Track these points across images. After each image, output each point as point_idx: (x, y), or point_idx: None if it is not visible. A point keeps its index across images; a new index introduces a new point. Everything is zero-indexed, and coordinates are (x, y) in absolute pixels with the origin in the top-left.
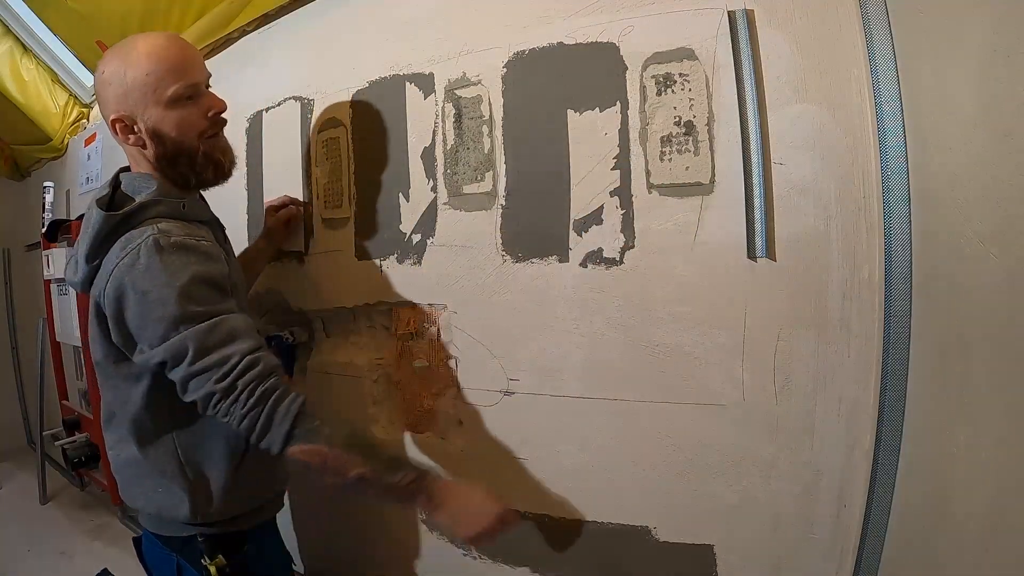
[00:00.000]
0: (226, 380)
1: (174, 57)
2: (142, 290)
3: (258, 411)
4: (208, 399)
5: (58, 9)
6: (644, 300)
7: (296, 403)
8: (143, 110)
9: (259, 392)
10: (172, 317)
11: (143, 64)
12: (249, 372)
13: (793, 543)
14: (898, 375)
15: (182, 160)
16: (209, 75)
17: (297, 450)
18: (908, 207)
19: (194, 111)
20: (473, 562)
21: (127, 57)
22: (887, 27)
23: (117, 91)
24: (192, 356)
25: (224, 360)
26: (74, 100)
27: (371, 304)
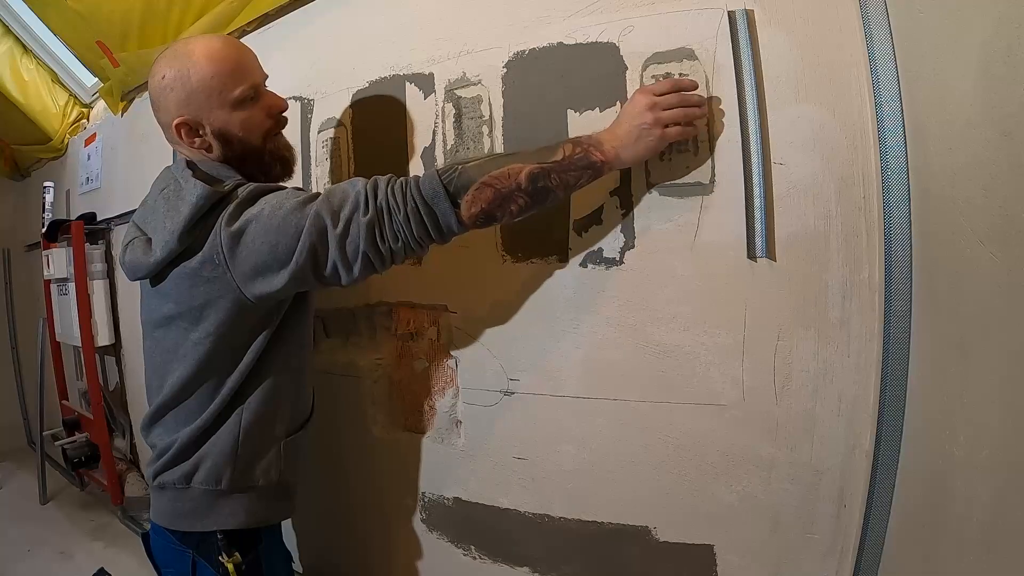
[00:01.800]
0: (370, 208)
1: (234, 59)
2: (254, 215)
3: (413, 205)
4: (371, 237)
5: (58, 9)
6: (644, 300)
7: (432, 173)
8: (208, 113)
9: (399, 192)
10: (293, 209)
11: (206, 67)
12: (379, 188)
13: (793, 543)
14: (898, 375)
15: (250, 160)
16: (266, 75)
17: (468, 202)
18: (908, 207)
19: (257, 111)
20: (473, 562)
21: (187, 60)
22: (887, 27)
23: (180, 95)
24: (331, 221)
25: (356, 201)
26: (74, 100)
27: (371, 304)
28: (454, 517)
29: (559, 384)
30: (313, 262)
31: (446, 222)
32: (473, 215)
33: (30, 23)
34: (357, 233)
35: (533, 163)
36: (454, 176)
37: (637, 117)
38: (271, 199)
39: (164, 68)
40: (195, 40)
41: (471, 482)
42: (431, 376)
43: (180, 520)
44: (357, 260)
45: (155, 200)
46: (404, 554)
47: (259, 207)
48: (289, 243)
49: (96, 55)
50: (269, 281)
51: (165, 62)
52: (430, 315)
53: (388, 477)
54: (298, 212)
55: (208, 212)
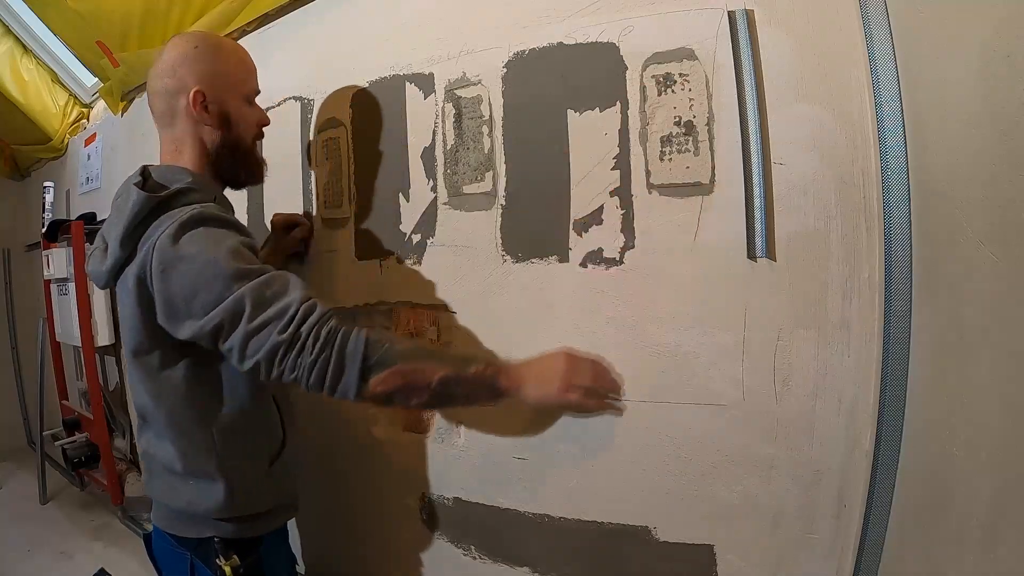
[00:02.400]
0: (289, 329)
1: (252, 64)
2: (191, 254)
3: (327, 355)
4: (272, 355)
5: (58, 9)
6: (644, 300)
7: (361, 337)
8: (225, 93)
9: (324, 335)
10: (226, 275)
11: (235, 56)
12: (310, 317)
13: (793, 543)
14: (898, 375)
15: (238, 152)
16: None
17: (377, 381)
18: (908, 207)
19: (252, 115)
20: (473, 562)
21: (219, 44)
22: (887, 27)
23: (206, 68)
24: (250, 312)
25: (284, 310)
26: (74, 100)
27: (371, 304)
28: (454, 517)
29: None
30: (215, 334)
31: (345, 389)
32: (375, 393)
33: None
34: (264, 341)
35: (449, 368)
36: (380, 352)
37: (551, 371)
38: (210, 247)
39: (195, 40)
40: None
41: (471, 482)
42: None
43: (176, 524)
44: (250, 360)
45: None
46: (404, 554)
47: (197, 247)
48: (205, 304)
49: (96, 55)
50: (173, 324)
51: (195, 37)
52: (430, 315)
53: (388, 477)
54: (227, 282)
55: (147, 216)
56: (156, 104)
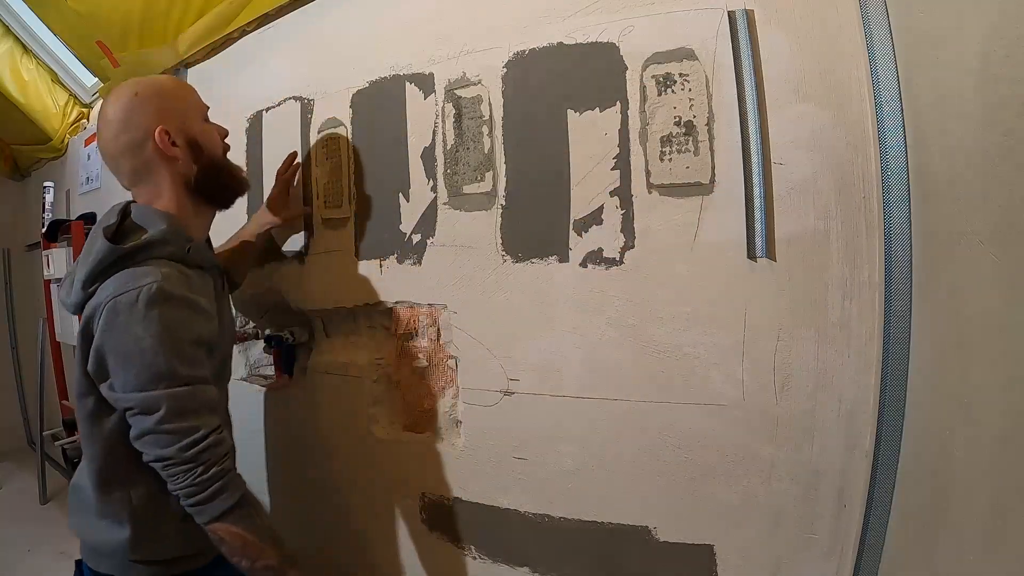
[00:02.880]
0: (191, 450)
1: (190, 85)
2: (135, 335)
3: (206, 486)
4: (163, 459)
5: (58, 9)
6: (644, 300)
7: (239, 492)
8: (183, 121)
9: (214, 471)
10: (156, 372)
11: (175, 85)
12: (214, 449)
13: (793, 543)
14: (898, 375)
15: (217, 171)
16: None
17: (223, 527)
18: (908, 207)
19: (214, 131)
20: (473, 562)
21: (155, 82)
22: (887, 27)
23: (160, 105)
24: (163, 415)
25: (192, 430)
26: (74, 100)
27: (371, 304)
28: (454, 517)
29: (559, 384)
30: (125, 409)
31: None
32: (216, 532)
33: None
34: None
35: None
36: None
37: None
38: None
39: (132, 88)
40: (153, 76)
41: (471, 482)
42: (431, 376)
43: (93, 558)
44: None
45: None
46: (404, 554)
47: (143, 329)
48: (126, 383)
49: (96, 55)
50: (96, 379)
51: (130, 86)
52: (430, 315)
53: (388, 477)
54: (155, 379)
55: (110, 266)
56: (123, 165)
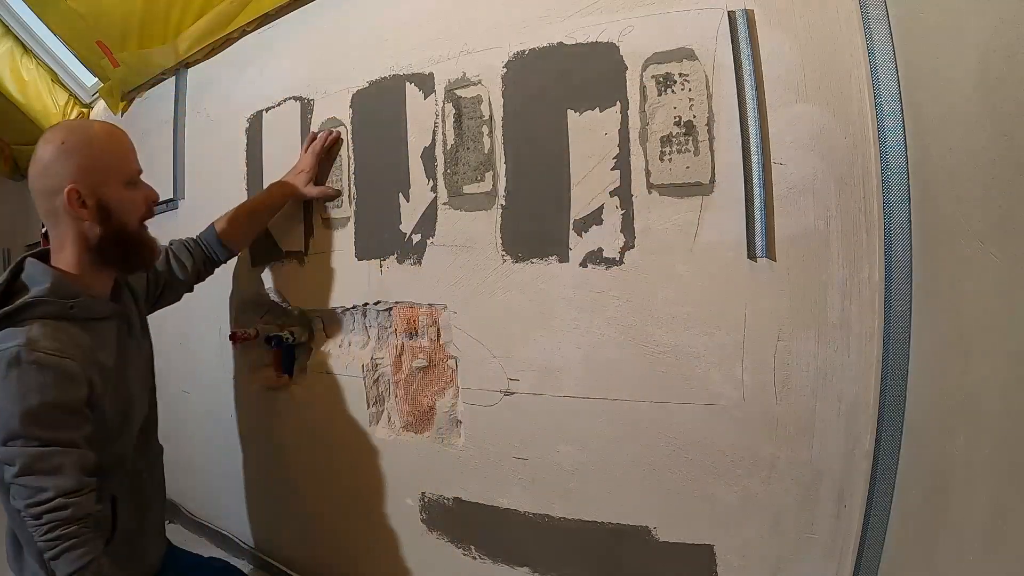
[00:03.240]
0: (35, 508)
1: (127, 145)
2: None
3: (51, 545)
4: (18, 510)
5: (58, 9)
6: (644, 300)
7: (87, 558)
8: (100, 185)
9: (57, 532)
10: (11, 431)
11: (107, 143)
12: (56, 512)
13: (793, 543)
14: (898, 375)
15: (122, 240)
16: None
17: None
18: (908, 207)
19: (138, 195)
20: (473, 562)
21: (88, 133)
22: (887, 27)
23: (80, 162)
24: (17, 471)
25: (41, 490)
26: (74, 100)
27: (371, 304)
28: (454, 517)
29: (559, 384)
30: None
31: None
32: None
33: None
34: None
35: None
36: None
37: None
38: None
39: (62, 135)
40: (89, 120)
41: (471, 482)
42: (431, 376)
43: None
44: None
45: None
46: (404, 554)
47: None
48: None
49: (96, 55)
50: None
51: (62, 131)
52: (430, 315)
53: (388, 477)
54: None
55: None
56: (39, 205)
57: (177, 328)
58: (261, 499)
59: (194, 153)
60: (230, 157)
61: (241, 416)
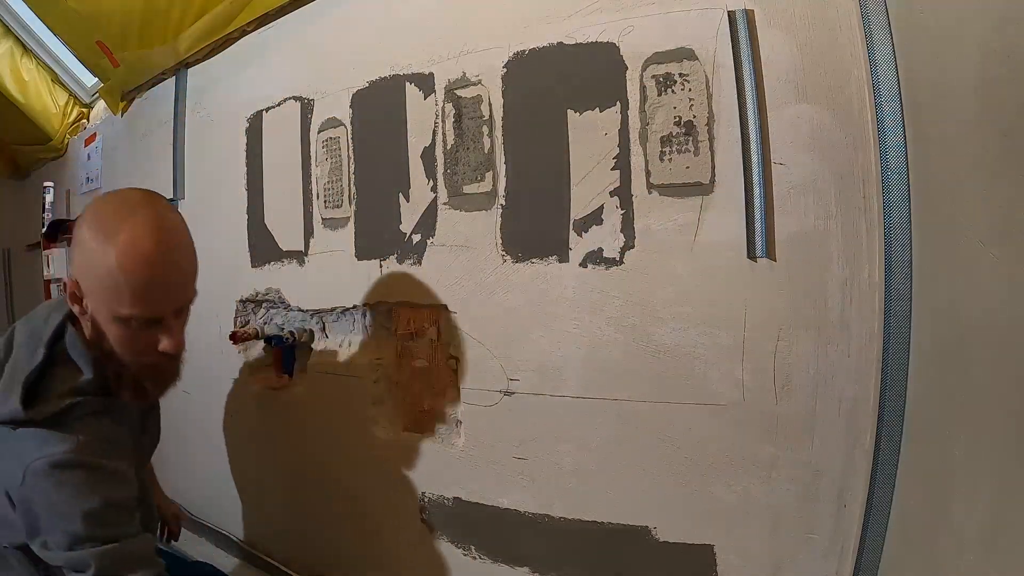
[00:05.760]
0: None
1: (146, 279)
2: (52, 501)
3: None
4: None
5: (58, 9)
6: (644, 300)
7: None
8: (93, 302)
9: None
10: (76, 535)
11: (113, 268)
12: None
13: (793, 543)
14: (898, 375)
15: (111, 364)
16: (190, 298)
17: None
18: (908, 207)
19: (142, 337)
20: (473, 562)
21: (106, 239)
22: (887, 27)
23: (81, 262)
24: (94, 573)
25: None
26: (74, 100)
27: (371, 304)
28: (454, 517)
29: (559, 384)
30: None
31: None
32: None
33: (30, 23)
34: None
35: None
36: None
37: None
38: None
39: (89, 223)
40: (133, 219)
41: (471, 482)
42: (431, 376)
43: None
44: None
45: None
46: (404, 554)
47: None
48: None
49: (96, 55)
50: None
51: (94, 218)
52: (430, 315)
53: (388, 477)
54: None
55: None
56: None
57: None
58: (261, 499)
59: (194, 153)
60: (230, 157)
61: (241, 416)
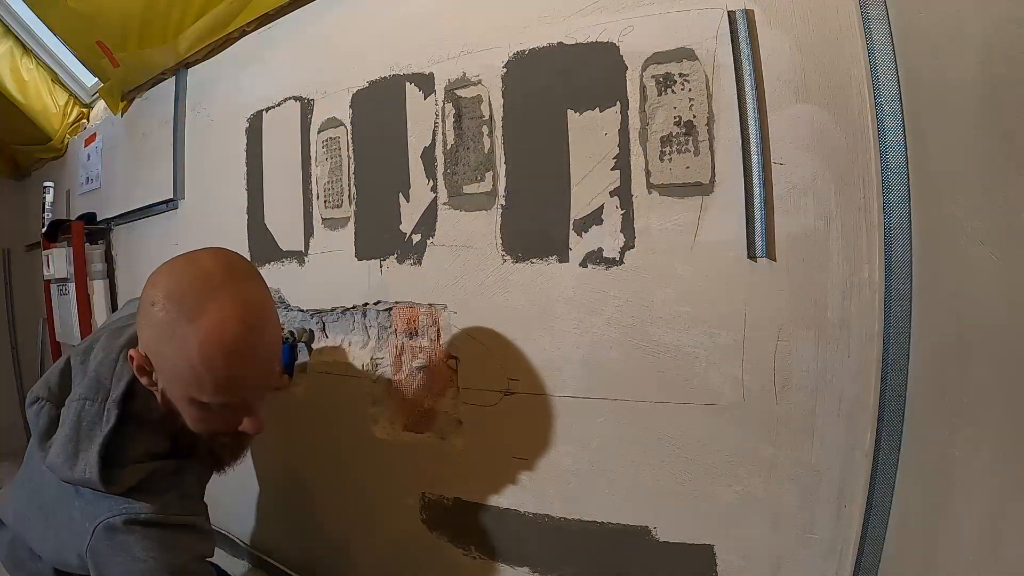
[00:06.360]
0: None
1: (230, 369)
2: (135, 556)
3: None
4: None
5: (58, 9)
6: (644, 300)
7: None
8: (166, 382)
9: None
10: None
11: (192, 352)
12: None
13: (793, 543)
14: (898, 375)
15: (184, 437)
16: (273, 384)
17: None
18: (908, 207)
19: (218, 418)
20: (473, 562)
21: (185, 321)
22: (887, 27)
23: (156, 337)
24: None
25: None
26: (74, 100)
27: (371, 304)
28: (454, 517)
29: (559, 384)
30: None
31: None
32: None
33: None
34: None
35: None
36: None
37: None
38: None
39: (164, 297)
40: (217, 299)
41: (471, 482)
42: (431, 376)
43: None
44: None
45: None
46: (404, 554)
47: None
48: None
49: (96, 55)
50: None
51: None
52: (430, 315)
53: (388, 477)
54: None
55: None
56: None
57: None
58: (260, 499)
59: (194, 153)
60: (230, 157)
61: None
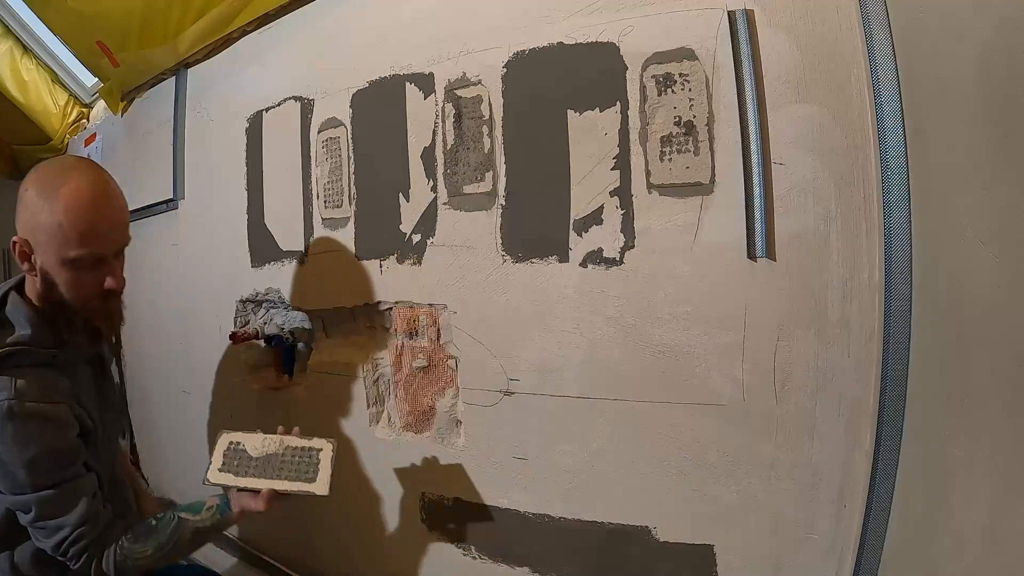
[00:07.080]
0: (60, 547)
1: (89, 221)
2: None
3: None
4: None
5: (58, 9)
6: (644, 300)
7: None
8: (42, 253)
9: (83, 559)
10: (18, 482)
11: (58, 213)
12: (77, 544)
13: (793, 543)
14: (898, 375)
15: (62, 312)
16: (126, 241)
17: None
18: (908, 207)
19: (89, 278)
20: (473, 562)
21: (50, 194)
22: (887, 27)
23: (28, 219)
24: (34, 516)
25: (59, 528)
26: (74, 100)
27: (371, 304)
28: (454, 517)
29: (559, 384)
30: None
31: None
32: None
33: (30, 23)
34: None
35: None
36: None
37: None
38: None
39: (31, 185)
40: (73, 176)
41: (471, 482)
42: (431, 376)
43: None
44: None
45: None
46: (404, 554)
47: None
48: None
49: (96, 55)
50: None
51: (35, 180)
52: (430, 315)
53: (388, 477)
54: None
55: None
56: None
57: (177, 328)
58: None
59: (194, 153)
60: (230, 157)
61: (241, 417)
